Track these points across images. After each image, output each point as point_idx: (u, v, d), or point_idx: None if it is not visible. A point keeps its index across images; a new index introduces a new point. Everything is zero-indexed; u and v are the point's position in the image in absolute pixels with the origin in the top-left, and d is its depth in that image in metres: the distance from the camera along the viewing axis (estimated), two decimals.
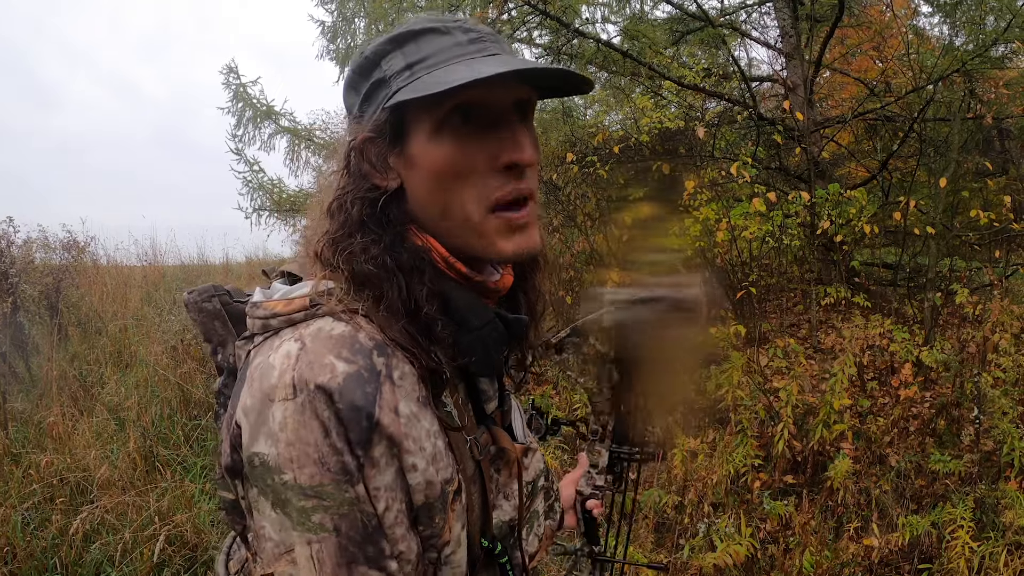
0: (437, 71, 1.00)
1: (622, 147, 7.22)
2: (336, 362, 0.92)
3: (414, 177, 1.05)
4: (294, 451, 0.89)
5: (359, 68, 1.07)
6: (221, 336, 1.19)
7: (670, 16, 9.34)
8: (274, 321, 1.01)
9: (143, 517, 4.33)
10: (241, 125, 10.99)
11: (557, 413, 5.40)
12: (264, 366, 0.94)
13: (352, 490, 0.90)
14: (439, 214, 1.05)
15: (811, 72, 7.83)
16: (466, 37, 1.04)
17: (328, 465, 0.89)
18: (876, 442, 4.97)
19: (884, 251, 8.81)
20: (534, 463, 1.29)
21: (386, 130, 1.04)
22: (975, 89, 8.46)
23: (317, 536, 0.90)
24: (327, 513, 0.90)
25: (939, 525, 4.01)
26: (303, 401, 0.89)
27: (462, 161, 1.01)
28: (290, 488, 0.89)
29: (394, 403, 0.94)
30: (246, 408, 0.94)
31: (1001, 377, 4.91)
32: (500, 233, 1.04)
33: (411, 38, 1.03)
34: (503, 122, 1.03)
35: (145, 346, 7.31)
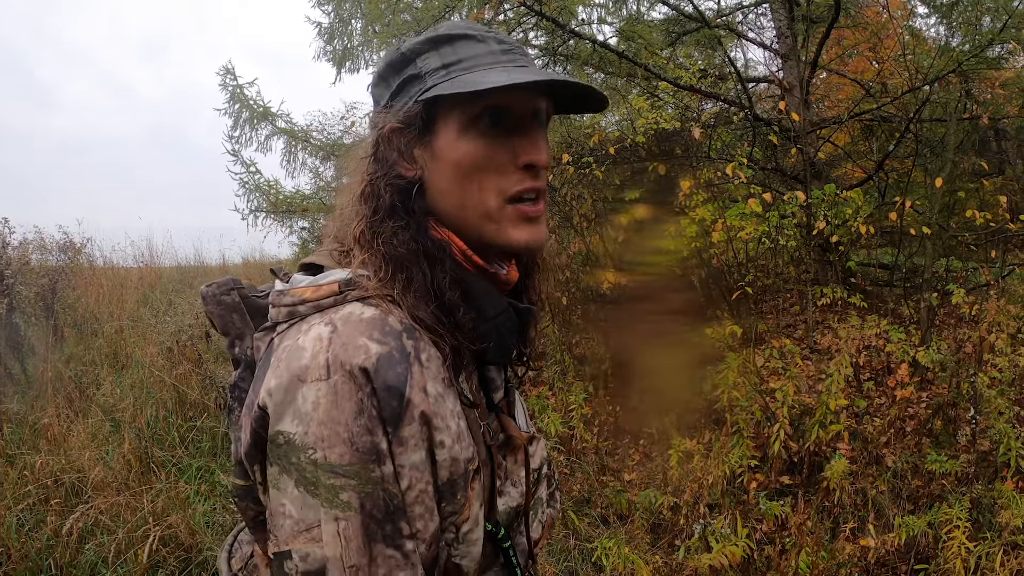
0: (473, 73, 1.08)
1: (618, 148, 7.22)
2: (369, 343, 0.97)
3: (438, 168, 1.12)
4: (325, 430, 0.92)
5: (393, 63, 1.15)
6: (239, 329, 1.22)
7: (666, 17, 9.35)
8: (302, 307, 1.05)
9: (137, 518, 4.32)
10: (238, 126, 10.98)
11: (553, 415, 5.41)
12: (293, 348, 0.98)
13: (379, 470, 0.93)
14: (457, 204, 1.12)
15: (807, 73, 7.83)
16: (499, 47, 1.13)
17: (358, 445, 0.93)
18: (872, 442, 4.97)
19: (881, 252, 8.82)
20: (539, 451, 1.32)
21: (416, 122, 1.12)
22: (971, 90, 8.48)
23: (344, 514, 0.93)
24: (354, 491, 0.93)
25: (935, 525, 4.01)
26: (336, 381, 0.94)
27: (487, 157, 1.09)
28: (319, 467, 0.93)
29: (423, 383, 0.99)
30: (271, 389, 0.97)
31: (997, 377, 4.91)
32: (513, 222, 1.12)
33: (447, 41, 1.12)
34: (525, 126, 1.12)
35: (141, 347, 7.31)
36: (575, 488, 5.03)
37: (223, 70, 10.84)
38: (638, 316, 7.01)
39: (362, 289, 1.05)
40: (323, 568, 0.94)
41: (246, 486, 1.08)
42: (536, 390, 6.37)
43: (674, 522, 4.57)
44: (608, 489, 5.00)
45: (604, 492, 4.97)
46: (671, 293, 6.50)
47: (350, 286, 1.05)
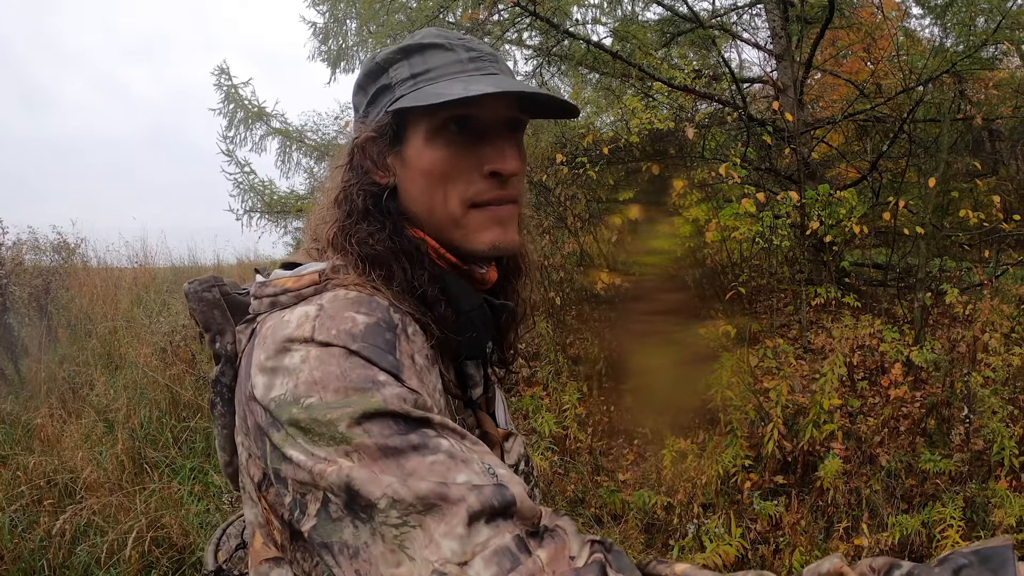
0: (438, 84, 1.09)
1: (612, 148, 7.22)
2: (356, 315, 0.97)
3: (408, 176, 1.14)
4: (315, 375, 0.90)
5: (369, 72, 1.18)
6: (220, 325, 1.22)
7: (661, 18, 9.36)
8: (284, 297, 1.06)
9: (130, 518, 4.31)
10: (232, 126, 10.98)
11: (547, 415, 5.41)
12: (278, 324, 0.99)
13: (378, 394, 0.89)
14: (426, 210, 1.13)
15: (801, 73, 7.84)
16: (467, 55, 1.14)
17: (350, 378, 0.89)
18: (867, 442, 4.97)
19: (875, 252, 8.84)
20: (515, 448, 1.33)
21: (387, 132, 1.14)
22: (965, 90, 8.50)
23: (351, 445, 0.86)
24: (353, 420, 0.87)
25: (929, 524, 4.01)
26: (320, 348, 0.92)
27: (452, 165, 1.10)
28: (315, 408, 0.88)
29: (411, 352, 0.99)
30: (260, 364, 0.96)
31: (991, 376, 4.92)
32: (482, 225, 1.13)
33: (418, 51, 1.14)
34: (492, 135, 1.12)
35: (134, 348, 7.29)
36: (569, 488, 5.03)
37: (218, 70, 10.84)
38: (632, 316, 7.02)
39: (342, 278, 1.07)
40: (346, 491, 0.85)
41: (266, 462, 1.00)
42: (531, 390, 6.37)
43: (668, 522, 4.57)
44: (602, 489, 4.99)
45: (598, 492, 4.97)
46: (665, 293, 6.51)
47: (330, 276, 1.07)
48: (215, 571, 1.28)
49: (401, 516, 0.81)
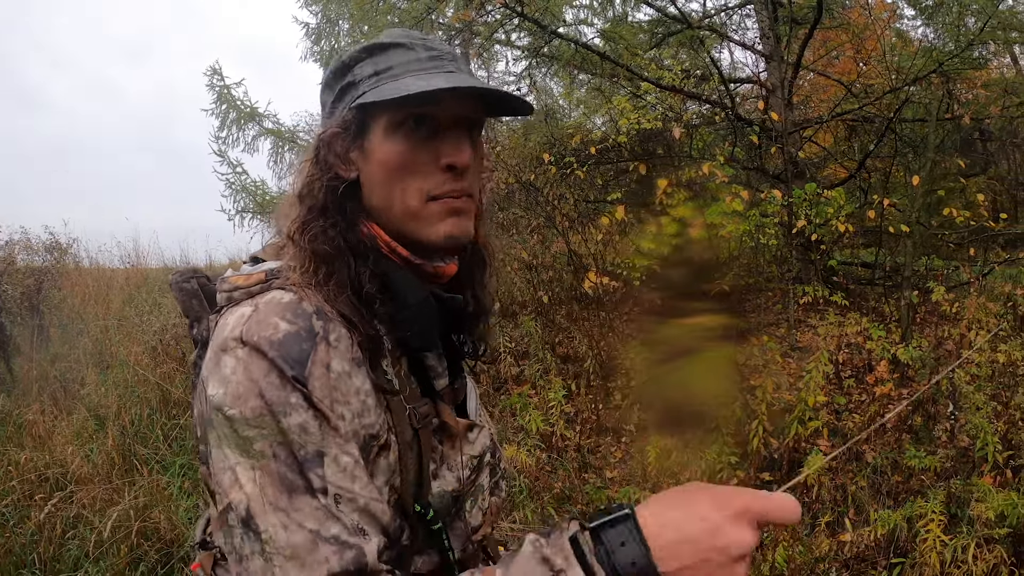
0: (398, 80, 1.15)
1: (600, 148, 7.25)
2: (280, 322, 1.05)
3: (368, 169, 1.19)
4: (240, 388, 1.00)
5: (336, 71, 1.24)
6: (197, 312, 1.30)
7: (651, 18, 9.39)
8: (236, 294, 1.14)
9: (119, 512, 4.33)
10: (225, 127, 10.99)
11: (534, 413, 5.43)
12: (221, 325, 1.08)
13: (287, 420, 1.00)
14: (385, 202, 1.19)
15: (790, 73, 7.87)
16: (427, 54, 1.20)
17: (268, 398, 1.00)
18: (853, 438, 5.00)
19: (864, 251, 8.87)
20: (480, 439, 1.37)
21: (351, 127, 1.19)
22: (953, 90, 8.53)
23: (259, 462, 0.99)
24: (266, 441, 1.00)
25: (912, 520, 4.03)
26: (248, 351, 1.02)
27: (410, 158, 1.16)
28: (236, 421, 1.00)
29: (327, 360, 1.05)
30: (208, 361, 1.07)
31: (976, 373, 4.95)
32: (436, 216, 1.18)
33: (380, 50, 1.20)
34: (449, 130, 1.18)
35: (126, 347, 7.30)
36: (556, 485, 5.05)
37: (210, 70, 10.86)
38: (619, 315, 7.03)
39: (284, 279, 1.14)
40: (247, 511, 0.99)
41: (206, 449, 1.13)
42: (519, 388, 6.39)
43: None
44: (588, 486, 5.01)
45: (585, 489, 4.99)
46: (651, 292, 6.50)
47: (274, 275, 1.15)
48: (200, 543, 1.34)
49: (271, 554, 0.97)
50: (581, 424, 5.84)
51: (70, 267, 10.81)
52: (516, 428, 5.71)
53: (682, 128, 6.78)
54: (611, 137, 7.27)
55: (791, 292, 6.35)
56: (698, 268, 1.30)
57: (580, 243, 7.62)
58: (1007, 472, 4.31)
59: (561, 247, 7.77)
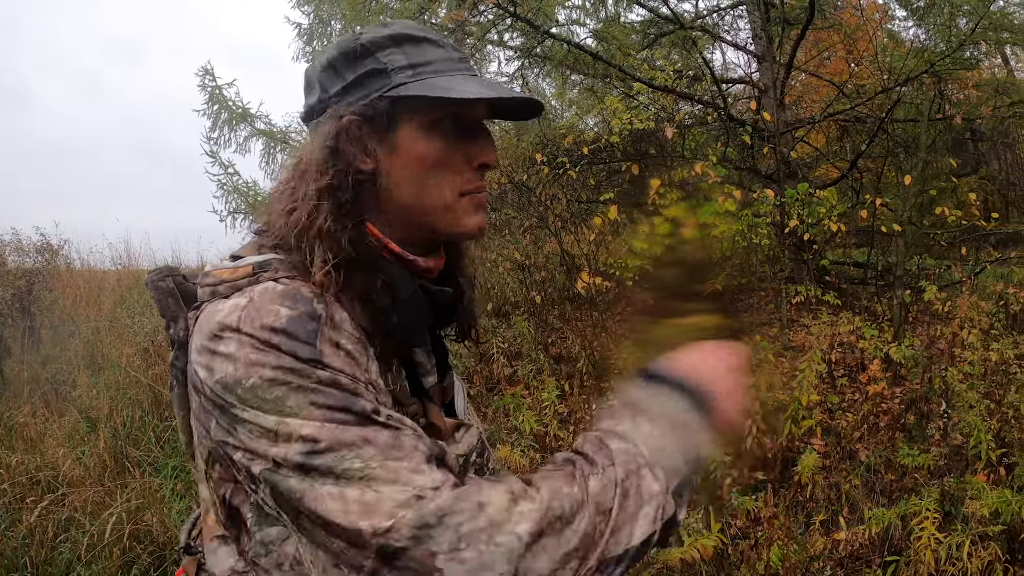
0: (441, 78, 1.16)
1: (593, 149, 7.25)
2: (280, 308, 1.01)
3: (396, 162, 1.17)
4: (252, 357, 0.97)
5: (349, 52, 1.18)
6: (173, 312, 1.25)
7: (644, 19, 9.41)
8: (221, 287, 1.11)
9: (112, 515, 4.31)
10: (217, 128, 10.96)
11: (528, 413, 5.42)
12: (211, 312, 1.05)
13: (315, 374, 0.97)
14: (414, 196, 1.18)
15: (782, 74, 7.88)
16: (456, 55, 1.22)
17: (284, 360, 0.97)
18: (846, 437, 5.01)
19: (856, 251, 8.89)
20: (467, 439, 1.35)
21: (381, 117, 1.16)
22: (944, 90, 8.56)
23: (300, 414, 0.95)
24: (298, 393, 0.96)
25: (906, 518, 4.04)
26: (248, 335, 0.98)
27: (447, 156, 1.17)
28: (258, 387, 0.96)
29: (335, 339, 1.03)
30: (199, 349, 1.03)
31: (968, 372, 4.96)
32: (467, 212, 1.21)
33: (410, 41, 1.18)
34: (476, 131, 1.22)
35: (117, 348, 7.28)
36: None
37: (202, 71, 10.83)
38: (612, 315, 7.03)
39: (273, 271, 1.11)
40: (309, 452, 0.94)
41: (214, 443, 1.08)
42: (512, 389, 6.38)
43: None
44: None
45: None
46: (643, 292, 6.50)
47: (263, 268, 1.12)
48: (185, 547, 1.32)
49: (366, 464, 0.94)
50: (575, 424, 5.83)
51: (61, 269, 10.78)
52: (510, 429, 5.71)
53: (674, 128, 6.78)
54: (604, 137, 7.27)
55: (784, 292, 6.36)
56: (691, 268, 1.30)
57: (573, 243, 7.63)
58: (1000, 470, 4.32)
59: (554, 247, 7.77)
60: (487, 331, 7.47)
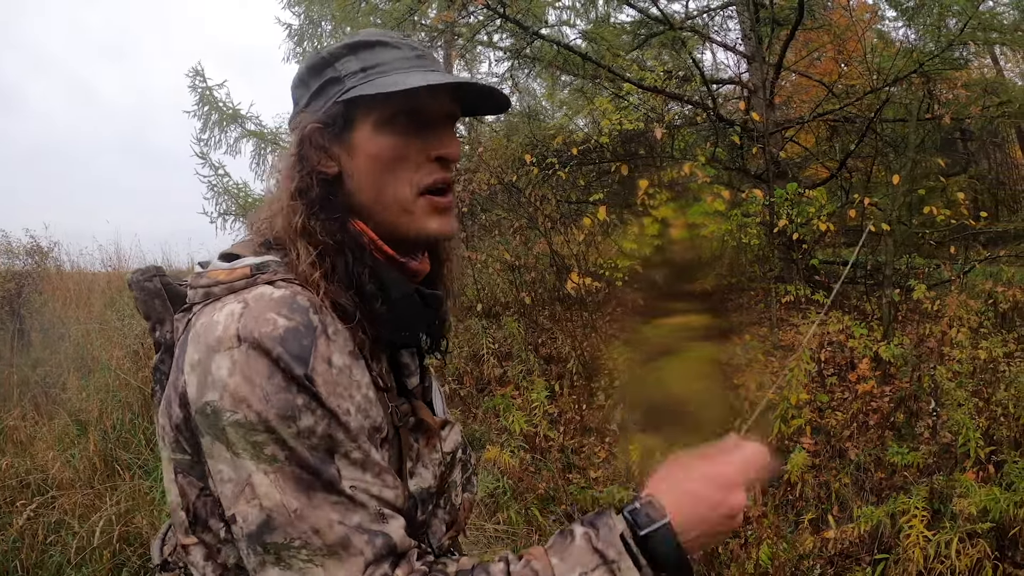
0: (391, 76, 1.16)
1: (582, 149, 7.26)
2: (277, 318, 1.03)
3: (355, 164, 1.19)
4: (242, 391, 0.99)
5: (313, 66, 1.23)
6: (160, 314, 1.26)
7: (634, 20, 9.42)
8: (216, 289, 1.11)
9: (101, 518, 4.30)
10: (207, 129, 10.95)
11: (517, 414, 5.42)
12: (208, 323, 1.05)
13: (295, 425, 0.99)
14: (374, 197, 1.20)
15: (771, 74, 7.90)
16: (413, 53, 1.22)
17: (273, 402, 0.98)
18: (836, 436, 5.02)
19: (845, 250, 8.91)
20: (452, 436, 1.38)
21: (337, 121, 1.19)
22: (933, 90, 8.58)
23: (272, 466, 0.99)
24: (277, 445, 0.99)
25: (896, 516, 4.05)
26: (246, 349, 1.00)
27: (402, 151, 1.18)
28: (241, 426, 0.99)
29: (328, 355, 1.05)
30: (193, 363, 1.04)
31: (957, 370, 4.97)
32: (426, 213, 1.21)
33: (365, 47, 1.20)
34: (437, 125, 1.22)
35: (107, 351, 7.25)
36: (540, 486, 5.04)
37: (192, 72, 10.81)
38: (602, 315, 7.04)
39: (271, 273, 1.12)
40: (264, 524, 0.99)
41: (190, 460, 1.11)
42: (502, 390, 6.39)
43: None
44: (572, 487, 5.01)
45: (569, 490, 4.99)
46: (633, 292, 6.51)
47: (260, 270, 1.13)
48: (160, 564, 1.30)
49: (309, 557, 0.99)
50: (565, 425, 5.84)
51: (51, 271, 10.74)
52: (500, 429, 5.71)
53: (664, 129, 6.79)
54: (593, 138, 7.28)
55: (773, 291, 6.37)
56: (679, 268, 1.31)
57: (562, 244, 7.63)
58: (989, 467, 4.34)
59: (543, 248, 7.78)
60: (476, 333, 7.47)
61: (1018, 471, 3.98)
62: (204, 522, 1.12)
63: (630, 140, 7.70)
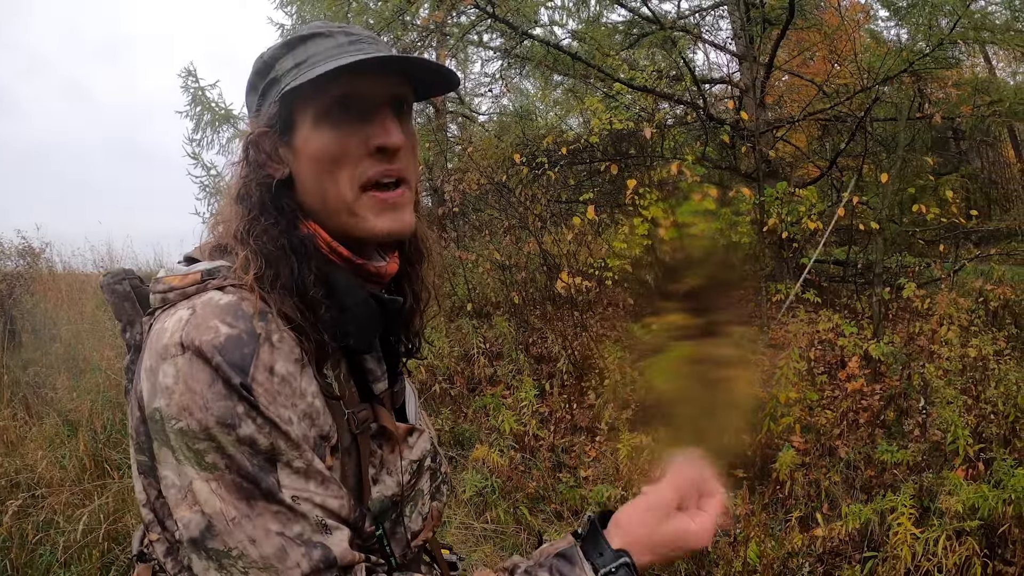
0: (319, 66, 1.11)
1: (572, 149, 7.26)
2: (220, 325, 1.02)
3: (299, 164, 1.17)
4: (184, 399, 0.99)
5: (259, 71, 1.21)
6: (130, 316, 1.26)
7: (626, 20, 9.43)
8: (171, 295, 1.12)
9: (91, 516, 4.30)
10: (199, 129, 10.95)
11: (507, 413, 5.42)
12: (160, 330, 1.05)
13: (235, 433, 0.99)
14: (320, 198, 1.17)
15: (762, 73, 7.91)
16: (347, 39, 1.17)
17: (213, 410, 0.98)
18: (825, 434, 5.03)
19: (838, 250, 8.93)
20: (420, 443, 1.35)
21: (277, 122, 1.17)
22: (924, 89, 8.60)
23: (212, 474, 0.99)
24: (217, 453, 0.99)
25: (883, 513, 4.05)
26: (189, 357, 1.00)
27: (339, 146, 1.14)
28: (184, 433, 0.99)
29: (270, 363, 1.04)
30: (147, 369, 1.04)
31: (947, 368, 4.98)
32: (372, 211, 1.16)
33: (300, 42, 1.17)
34: (376, 112, 1.16)
35: (98, 351, 7.25)
36: (530, 485, 5.05)
37: (185, 72, 10.80)
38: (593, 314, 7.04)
39: (221, 278, 1.11)
40: (206, 530, 1.00)
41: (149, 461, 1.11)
42: (492, 389, 6.39)
43: None
44: (562, 485, 5.01)
45: (559, 489, 4.99)
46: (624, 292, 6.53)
47: (211, 276, 1.12)
48: (138, 555, 1.31)
49: (246, 568, 1.00)
50: (555, 424, 5.84)
51: (43, 272, 10.72)
52: (490, 429, 5.71)
53: (654, 128, 6.80)
54: (583, 137, 7.29)
55: (764, 290, 6.38)
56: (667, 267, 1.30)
57: (552, 243, 7.63)
58: (979, 465, 4.34)
59: (534, 247, 7.77)
60: (467, 333, 7.48)
61: (1007, 469, 3.98)
62: (162, 522, 1.13)
63: (621, 140, 7.72)
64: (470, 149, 8.46)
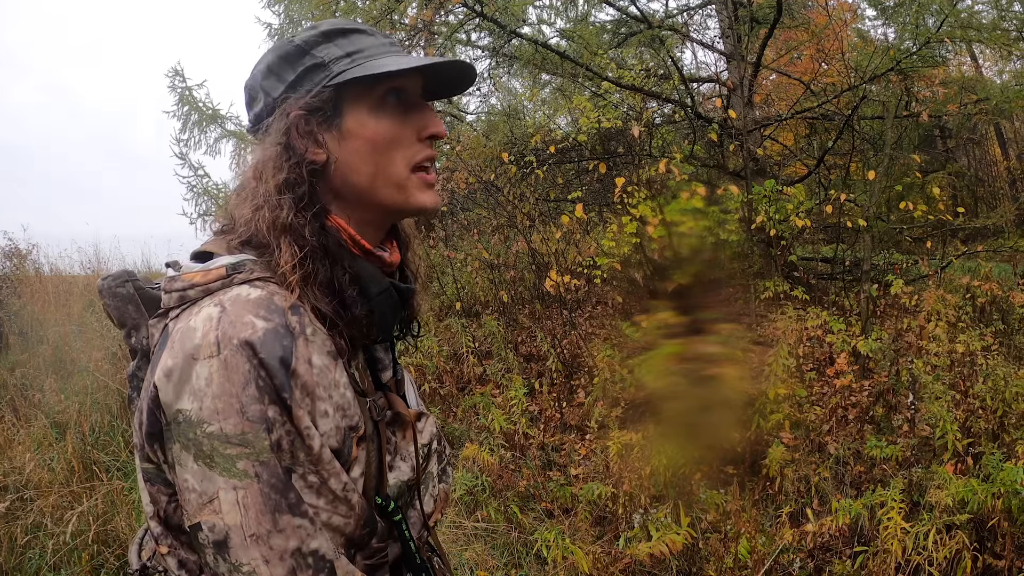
0: (378, 59, 1.17)
1: (560, 147, 7.27)
2: (256, 320, 1.03)
3: (349, 147, 1.19)
4: (219, 403, 0.98)
5: (286, 55, 1.21)
6: (135, 320, 1.23)
7: (614, 19, 9.45)
8: (192, 291, 1.10)
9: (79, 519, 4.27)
10: (187, 129, 10.89)
11: (497, 412, 5.42)
12: (186, 329, 1.03)
13: (270, 437, 0.99)
14: (369, 178, 1.20)
15: (750, 72, 7.93)
16: (387, 40, 1.25)
17: (249, 414, 0.98)
18: (815, 430, 5.04)
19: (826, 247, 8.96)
20: (427, 427, 1.38)
21: (326, 107, 1.18)
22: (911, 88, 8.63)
23: (241, 482, 0.99)
24: (249, 460, 0.99)
25: (874, 509, 4.07)
26: (226, 356, 0.99)
27: (398, 131, 1.20)
28: (216, 437, 0.98)
29: (308, 355, 1.05)
30: (167, 369, 1.02)
31: (935, 363, 5.01)
32: (419, 189, 1.23)
33: (341, 34, 1.20)
34: (420, 104, 1.25)
35: (86, 353, 7.22)
36: (520, 484, 5.05)
37: (172, 71, 10.76)
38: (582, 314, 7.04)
39: (248, 272, 1.11)
40: (224, 541, 1.00)
41: (155, 469, 1.11)
42: (482, 388, 6.39)
43: (615, 513, 4.59)
44: (552, 484, 5.02)
45: (549, 487, 4.99)
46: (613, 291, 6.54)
47: (236, 270, 1.11)
48: (139, 570, 1.28)
49: None
50: (545, 422, 5.85)
51: (30, 274, 10.67)
52: (479, 428, 5.71)
53: (642, 127, 6.81)
54: (571, 136, 7.29)
55: (752, 287, 6.39)
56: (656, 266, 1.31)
57: (541, 242, 7.64)
58: (968, 459, 4.36)
59: (523, 246, 7.78)
60: (456, 332, 7.48)
61: (995, 463, 4.00)
62: (177, 527, 1.12)
63: (609, 138, 7.73)
64: (458, 148, 8.47)
